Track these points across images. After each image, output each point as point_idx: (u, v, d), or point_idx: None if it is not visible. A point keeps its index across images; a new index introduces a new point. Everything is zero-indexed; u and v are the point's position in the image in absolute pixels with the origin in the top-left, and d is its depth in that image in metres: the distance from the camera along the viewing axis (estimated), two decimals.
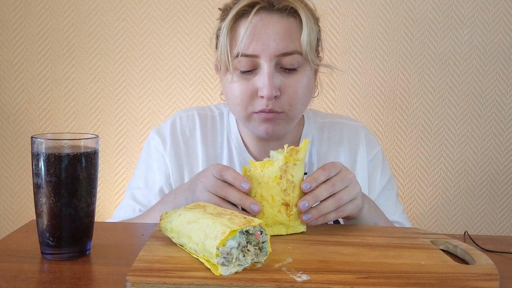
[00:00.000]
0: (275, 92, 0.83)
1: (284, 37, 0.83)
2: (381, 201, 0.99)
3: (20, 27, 1.56)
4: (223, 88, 0.92)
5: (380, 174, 1.01)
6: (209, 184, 0.73)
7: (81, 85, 1.58)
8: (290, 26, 0.84)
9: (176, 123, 1.02)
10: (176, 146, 1.00)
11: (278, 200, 0.69)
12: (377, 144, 1.04)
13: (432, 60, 1.60)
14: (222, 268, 0.53)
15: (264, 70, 0.84)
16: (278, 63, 0.85)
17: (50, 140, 0.60)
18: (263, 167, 0.70)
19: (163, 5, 1.56)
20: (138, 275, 0.51)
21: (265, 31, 0.83)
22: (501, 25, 1.60)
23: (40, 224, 0.60)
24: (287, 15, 0.85)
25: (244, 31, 0.83)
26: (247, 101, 0.86)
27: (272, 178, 0.69)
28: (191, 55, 1.58)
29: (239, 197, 0.70)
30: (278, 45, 0.83)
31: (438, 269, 0.58)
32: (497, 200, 1.68)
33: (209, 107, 1.06)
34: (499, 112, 1.64)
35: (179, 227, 0.60)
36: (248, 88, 0.85)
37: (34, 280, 0.54)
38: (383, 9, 1.58)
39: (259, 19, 0.84)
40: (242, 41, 0.83)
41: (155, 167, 1.00)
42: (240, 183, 0.69)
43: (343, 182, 0.72)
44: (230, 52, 0.85)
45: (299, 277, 0.53)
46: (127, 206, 0.98)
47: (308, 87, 0.88)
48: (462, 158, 1.65)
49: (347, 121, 1.05)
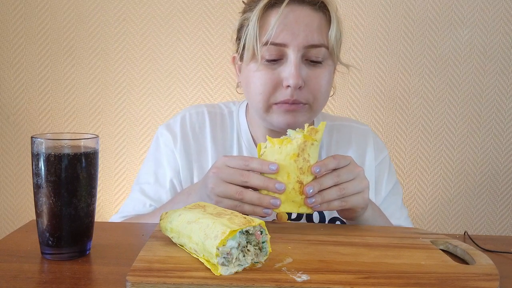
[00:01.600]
0: (301, 82, 0.84)
1: (313, 29, 0.85)
2: (386, 205, 0.99)
3: (20, 27, 1.56)
4: (244, 78, 0.92)
5: (386, 178, 1.02)
6: (226, 173, 0.72)
7: (81, 85, 1.58)
8: (320, 20, 0.86)
9: (186, 119, 1.01)
10: (186, 142, 0.99)
11: (293, 178, 0.71)
12: (384, 149, 1.05)
13: (432, 60, 1.60)
14: (222, 268, 0.53)
15: (291, 60, 0.84)
16: (304, 55, 0.86)
17: (50, 140, 0.60)
18: (281, 144, 0.71)
19: (163, 5, 1.56)
20: (138, 275, 0.51)
21: (296, 22, 0.85)
22: (501, 25, 1.60)
23: (40, 224, 0.60)
24: (318, 9, 0.87)
25: (275, 20, 0.84)
26: (270, 91, 0.86)
27: (290, 155, 0.70)
28: (191, 55, 1.58)
29: (263, 180, 0.71)
30: (307, 36, 0.84)
31: (438, 269, 0.58)
32: (497, 200, 1.68)
33: (218, 105, 1.05)
34: (499, 112, 1.64)
35: (179, 227, 0.60)
36: (273, 78, 0.86)
37: (34, 280, 0.54)
38: (383, 9, 1.58)
39: (290, 10, 0.85)
40: (273, 29, 0.84)
41: (165, 162, 0.98)
42: (268, 166, 0.70)
43: (350, 174, 0.73)
44: (259, 40, 0.85)
45: (299, 277, 0.53)
46: (137, 201, 0.96)
47: (329, 82, 0.90)
48: (462, 158, 1.65)
49: (355, 124, 1.06)
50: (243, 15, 0.92)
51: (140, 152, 1.61)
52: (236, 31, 0.95)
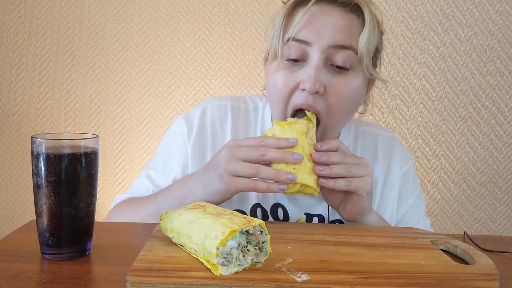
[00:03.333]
0: (319, 86, 0.77)
1: (341, 30, 0.78)
2: (410, 216, 0.96)
3: (20, 27, 1.56)
4: (267, 80, 0.87)
5: (411, 189, 0.98)
6: (240, 151, 0.72)
7: (81, 85, 1.58)
8: (351, 22, 0.79)
9: (207, 112, 0.94)
10: (202, 137, 0.93)
11: (307, 150, 0.75)
12: (410, 159, 1.00)
13: (432, 60, 1.60)
14: (222, 268, 0.53)
15: (312, 61, 0.78)
16: (329, 58, 0.79)
17: (50, 140, 0.60)
18: (289, 125, 0.76)
19: (163, 5, 1.56)
20: (138, 275, 0.51)
21: (322, 20, 0.78)
22: (501, 25, 1.60)
23: (40, 224, 0.60)
24: (350, 11, 0.80)
25: (301, 17, 0.79)
26: (287, 96, 0.81)
27: (300, 132, 0.75)
28: (191, 55, 1.58)
29: (280, 152, 0.72)
30: (333, 36, 0.78)
31: (438, 269, 0.58)
32: (497, 200, 1.68)
33: (243, 98, 0.99)
34: (499, 112, 1.64)
35: (179, 227, 0.60)
36: (291, 80, 0.80)
37: (34, 280, 0.54)
38: (383, 9, 1.58)
39: (319, 9, 0.79)
40: (296, 26, 0.78)
41: (176, 154, 0.94)
42: (287, 140, 0.73)
43: (354, 160, 0.76)
44: (282, 37, 0.81)
45: (299, 277, 0.53)
46: (142, 185, 0.94)
47: (354, 94, 0.82)
48: (462, 158, 1.65)
49: (381, 131, 1.00)
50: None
51: (140, 152, 1.61)
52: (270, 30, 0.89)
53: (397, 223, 0.96)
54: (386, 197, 0.95)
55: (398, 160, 0.97)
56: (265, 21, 1.54)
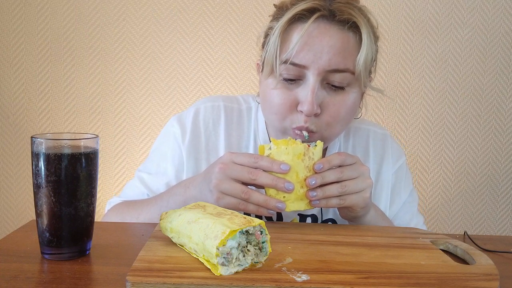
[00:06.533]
0: (316, 109, 0.78)
1: (339, 52, 0.78)
2: (403, 213, 0.97)
3: (20, 27, 1.56)
4: (262, 92, 0.86)
5: (403, 186, 0.98)
6: (233, 170, 0.71)
7: (81, 85, 1.58)
8: (348, 42, 0.79)
9: (200, 113, 0.94)
10: (196, 139, 0.93)
11: (301, 176, 0.72)
12: (402, 155, 1.00)
13: (432, 60, 1.60)
14: (222, 268, 0.53)
15: (309, 84, 0.78)
16: (325, 78, 0.79)
17: (50, 140, 0.60)
18: (287, 144, 0.72)
19: (163, 5, 1.56)
20: (138, 275, 0.51)
21: (319, 42, 0.78)
22: (501, 25, 1.60)
23: (40, 224, 0.60)
24: (347, 29, 0.79)
25: (298, 38, 0.77)
26: (285, 113, 0.81)
27: (297, 154, 0.71)
28: (191, 55, 1.58)
29: (272, 178, 0.70)
30: (330, 60, 0.77)
31: (438, 269, 0.58)
32: (497, 200, 1.68)
33: (236, 98, 0.98)
34: (499, 112, 1.64)
35: (179, 227, 0.60)
36: (289, 99, 0.80)
37: (34, 280, 0.54)
38: (383, 9, 1.58)
39: (316, 28, 0.78)
40: (294, 48, 0.77)
41: (169, 156, 0.94)
42: (279, 166, 0.70)
43: (353, 172, 0.73)
44: (278, 56, 0.79)
45: (299, 277, 0.53)
46: (136, 188, 0.94)
47: (351, 109, 0.83)
48: (462, 158, 1.65)
49: (373, 128, 1.01)
50: (271, 21, 0.85)
51: (140, 152, 1.61)
52: (263, 37, 0.88)
53: (391, 220, 0.96)
54: (378, 195, 0.95)
55: (390, 157, 0.98)
56: (265, 21, 1.54)
